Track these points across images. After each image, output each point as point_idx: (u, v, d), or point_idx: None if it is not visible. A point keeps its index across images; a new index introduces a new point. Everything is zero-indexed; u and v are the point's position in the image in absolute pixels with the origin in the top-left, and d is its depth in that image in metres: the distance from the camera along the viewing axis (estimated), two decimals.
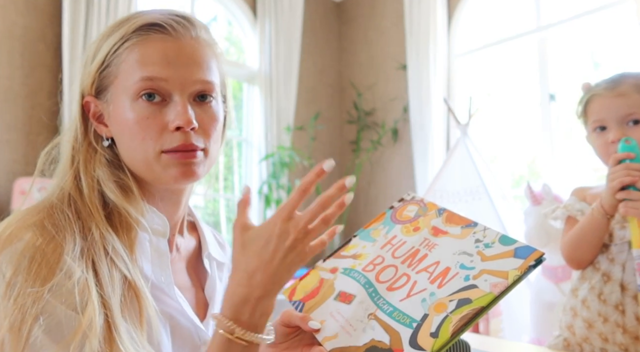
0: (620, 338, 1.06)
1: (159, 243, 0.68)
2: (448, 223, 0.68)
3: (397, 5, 3.77)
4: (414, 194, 0.78)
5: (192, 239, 0.81)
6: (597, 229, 1.08)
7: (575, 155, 2.88)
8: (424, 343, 0.54)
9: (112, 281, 0.58)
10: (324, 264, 0.73)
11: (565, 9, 2.94)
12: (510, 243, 0.60)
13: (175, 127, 0.64)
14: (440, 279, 0.60)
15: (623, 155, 1.02)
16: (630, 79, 1.10)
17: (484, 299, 0.55)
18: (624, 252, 1.08)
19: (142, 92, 0.64)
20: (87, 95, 0.69)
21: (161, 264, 0.67)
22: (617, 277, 1.08)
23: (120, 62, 0.65)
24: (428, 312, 0.57)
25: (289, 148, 3.56)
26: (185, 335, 0.68)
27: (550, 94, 2.98)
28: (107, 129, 0.69)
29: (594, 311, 1.10)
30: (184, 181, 0.66)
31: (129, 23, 0.66)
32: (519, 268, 0.57)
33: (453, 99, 3.45)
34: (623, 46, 2.75)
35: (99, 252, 0.59)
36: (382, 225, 0.75)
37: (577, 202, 1.19)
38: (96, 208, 0.64)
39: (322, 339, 0.62)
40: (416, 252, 0.66)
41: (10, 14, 2.63)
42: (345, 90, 4.21)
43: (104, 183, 0.66)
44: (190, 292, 0.74)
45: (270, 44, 3.67)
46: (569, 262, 1.17)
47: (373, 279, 0.66)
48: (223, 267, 0.83)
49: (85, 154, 0.68)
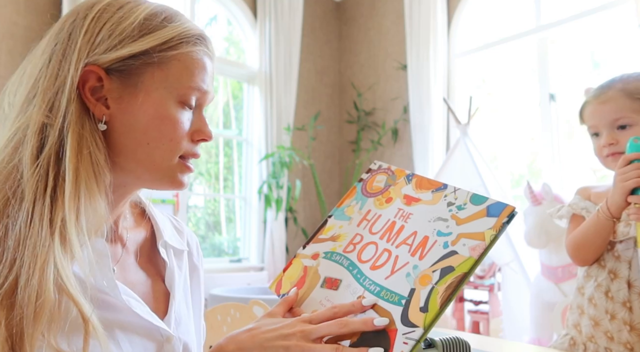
0: (626, 336, 1.06)
1: (96, 244, 0.62)
2: (419, 189, 0.68)
3: (397, 5, 3.77)
4: (381, 162, 0.76)
5: (142, 230, 0.76)
6: (602, 230, 1.08)
7: (575, 156, 2.89)
8: (415, 319, 0.55)
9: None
10: (304, 250, 0.72)
11: (565, 9, 2.94)
12: (482, 201, 0.61)
13: (200, 139, 0.68)
14: (420, 250, 0.61)
15: (634, 156, 1.01)
16: (619, 83, 1.11)
17: (465, 264, 0.56)
18: (630, 249, 1.09)
19: (189, 99, 0.66)
20: (93, 65, 0.61)
21: (101, 266, 0.62)
22: (623, 274, 1.08)
23: (171, 58, 0.64)
24: (414, 287, 0.58)
25: (289, 148, 3.56)
26: (143, 334, 0.65)
27: (550, 94, 2.98)
28: (108, 112, 0.63)
29: (601, 308, 1.10)
30: (181, 188, 0.69)
31: (183, 25, 0.66)
32: (493, 227, 0.57)
33: (453, 99, 3.45)
34: (623, 46, 2.75)
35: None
36: (354, 201, 0.74)
37: (581, 200, 1.20)
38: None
39: None
40: (392, 224, 0.66)
41: (10, 14, 2.63)
42: (345, 90, 4.21)
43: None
44: (145, 286, 0.71)
45: (270, 44, 3.67)
46: (573, 259, 1.17)
47: (355, 259, 0.65)
48: (182, 255, 0.79)
49: (77, 137, 0.59)
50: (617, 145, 1.09)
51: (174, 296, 0.72)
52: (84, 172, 0.59)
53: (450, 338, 0.70)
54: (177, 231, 0.82)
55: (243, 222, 3.74)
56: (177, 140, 0.65)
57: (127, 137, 0.64)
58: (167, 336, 0.67)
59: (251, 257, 3.67)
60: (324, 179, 4.04)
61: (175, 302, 0.71)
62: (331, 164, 4.15)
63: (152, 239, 0.76)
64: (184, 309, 0.75)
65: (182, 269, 0.77)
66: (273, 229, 3.51)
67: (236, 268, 3.49)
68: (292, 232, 3.76)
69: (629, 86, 1.09)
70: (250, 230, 3.69)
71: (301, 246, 0.74)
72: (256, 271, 3.53)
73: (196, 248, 0.83)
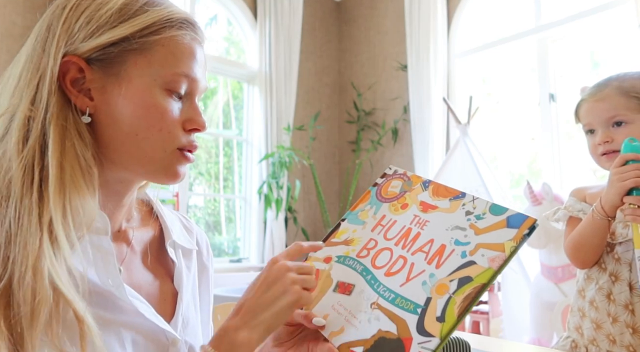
0: (629, 339, 1.05)
1: (100, 242, 0.61)
2: (436, 196, 0.67)
3: (397, 5, 3.77)
4: (396, 168, 0.75)
5: (150, 229, 0.74)
6: (598, 230, 1.07)
7: (575, 156, 2.88)
8: (431, 329, 0.54)
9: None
10: (316, 254, 0.71)
11: (565, 9, 2.94)
12: (502, 212, 0.59)
13: (193, 128, 0.65)
14: (437, 258, 0.59)
15: (631, 156, 1.00)
16: (615, 82, 1.11)
17: (484, 275, 0.55)
18: (630, 251, 1.08)
19: (176, 86, 0.63)
20: (72, 56, 0.59)
21: (106, 265, 0.60)
22: (624, 276, 1.08)
23: (154, 43, 0.61)
24: (431, 296, 0.56)
25: (289, 148, 3.56)
26: (148, 336, 0.63)
27: (550, 94, 2.98)
28: (92, 104, 0.61)
29: (603, 311, 1.09)
30: (177, 181, 0.66)
31: (167, 9, 0.63)
32: (514, 238, 0.56)
33: (453, 99, 3.45)
34: (623, 46, 2.75)
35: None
36: (368, 205, 0.72)
37: (577, 202, 1.19)
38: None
39: (329, 335, 0.61)
40: (408, 231, 0.65)
41: (10, 14, 2.63)
42: (345, 90, 4.21)
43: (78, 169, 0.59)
44: (152, 286, 0.69)
45: (270, 44, 3.67)
46: (573, 262, 1.17)
47: (369, 265, 0.64)
48: (191, 254, 0.77)
49: (60, 130, 0.58)
50: (612, 143, 1.09)
51: (182, 298, 0.70)
52: (69, 167, 0.57)
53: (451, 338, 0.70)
54: (187, 229, 0.79)
55: (243, 222, 3.74)
56: (167, 130, 0.62)
57: (113, 129, 0.61)
58: (173, 339, 0.65)
59: (251, 257, 3.67)
60: (323, 179, 4.04)
61: (183, 304, 0.69)
62: (331, 164, 4.15)
63: (161, 239, 0.74)
64: (192, 311, 0.73)
65: (191, 270, 0.75)
66: (273, 229, 3.50)
67: (236, 268, 3.49)
68: (292, 232, 3.76)
69: (625, 84, 1.10)
70: (250, 230, 3.69)
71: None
72: (256, 271, 3.52)
73: (206, 247, 0.81)
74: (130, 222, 0.71)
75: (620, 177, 1.00)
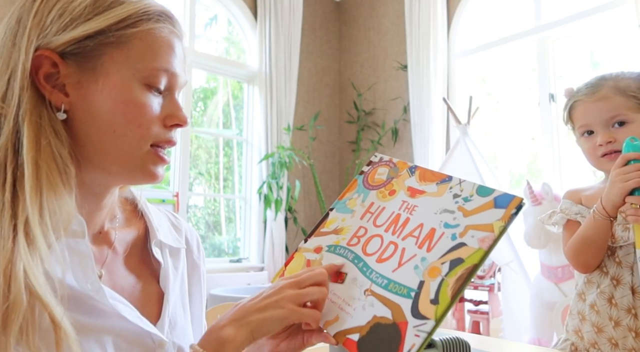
0: (631, 342, 1.04)
1: (77, 245, 0.58)
2: (423, 181, 0.67)
3: (397, 5, 3.78)
4: (382, 155, 0.75)
5: (134, 229, 0.72)
6: (601, 231, 1.06)
7: (575, 156, 2.88)
8: (426, 311, 0.54)
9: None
10: (306, 244, 0.71)
11: (565, 9, 2.94)
12: (489, 193, 0.60)
13: (174, 124, 0.64)
14: (428, 242, 0.60)
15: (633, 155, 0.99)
16: (610, 81, 1.10)
17: (475, 256, 0.56)
18: (631, 254, 1.07)
19: (156, 81, 0.61)
20: (45, 50, 0.57)
21: (84, 269, 0.58)
22: (626, 280, 1.07)
23: (131, 36, 0.59)
24: (423, 279, 0.57)
25: (289, 148, 3.56)
26: (132, 340, 0.61)
27: (550, 94, 2.98)
28: (68, 100, 0.59)
29: (604, 315, 1.08)
30: (155, 181, 0.64)
31: (143, 1, 0.62)
32: (502, 218, 0.57)
33: (453, 99, 3.45)
34: (623, 46, 2.75)
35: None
36: (356, 193, 0.72)
37: (573, 205, 1.17)
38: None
39: (324, 324, 0.61)
40: (397, 217, 0.65)
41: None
42: (345, 90, 4.21)
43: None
44: (135, 288, 0.67)
45: (270, 44, 3.67)
46: (575, 266, 1.15)
47: (360, 252, 0.65)
48: (179, 253, 0.74)
49: (34, 127, 0.55)
50: (614, 143, 1.07)
51: (168, 299, 0.68)
52: (45, 165, 0.55)
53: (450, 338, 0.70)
54: (175, 227, 0.77)
55: (243, 222, 3.74)
56: (146, 126, 0.60)
57: (90, 126, 0.59)
58: (159, 341, 0.63)
59: (251, 257, 3.67)
60: (323, 179, 4.04)
61: (169, 305, 0.68)
62: (331, 164, 4.15)
63: (146, 238, 0.72)
64: (180, 312, 0.71)
65: (178, 269, 0.73)
66: (273, 229, 3.51)
67: (236, 268, 3.49)
68: (292, 232, 3.76)
69: (620, 84, 1.08)
70: (250, 230, 3.69)
71: (302, 240, 0.73)
72: (256, 271, 3.53)
73: (197, 245, 0.79)
74: (113, 223, 0.69)
75: (622, 177, 0.99)
